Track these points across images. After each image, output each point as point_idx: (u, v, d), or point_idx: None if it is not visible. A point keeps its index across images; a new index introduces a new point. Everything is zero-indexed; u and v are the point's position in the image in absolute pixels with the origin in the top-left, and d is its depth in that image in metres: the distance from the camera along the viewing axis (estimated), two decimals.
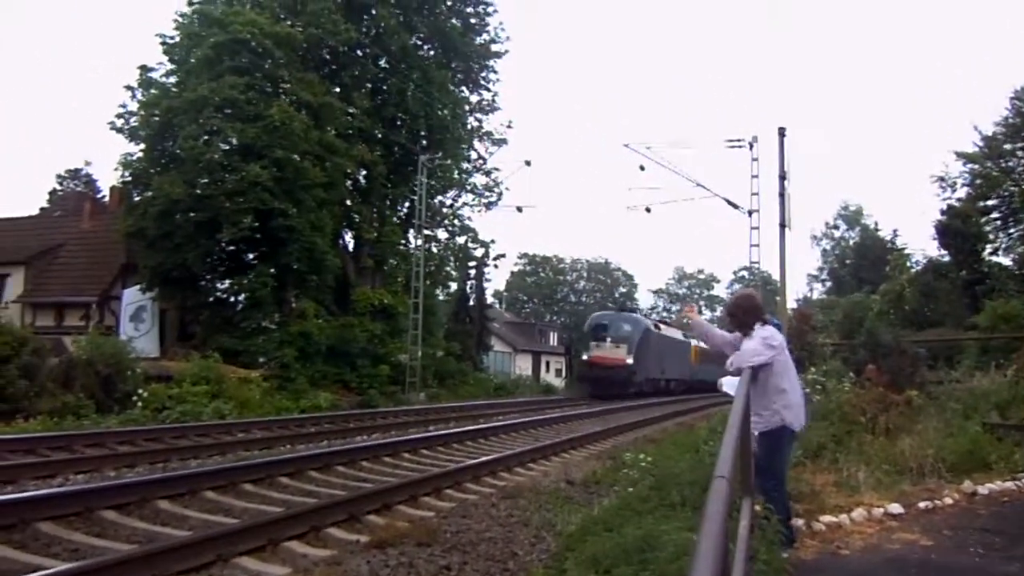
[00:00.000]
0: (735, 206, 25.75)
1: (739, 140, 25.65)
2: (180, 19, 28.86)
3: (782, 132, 21.82)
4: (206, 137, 25.17)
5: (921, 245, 78.20)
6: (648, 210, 29.28)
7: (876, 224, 60.95)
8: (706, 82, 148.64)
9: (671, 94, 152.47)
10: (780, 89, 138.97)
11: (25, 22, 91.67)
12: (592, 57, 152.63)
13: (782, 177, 21.52)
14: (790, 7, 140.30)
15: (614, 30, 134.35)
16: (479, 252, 42.36)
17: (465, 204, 40.22)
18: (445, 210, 38.89)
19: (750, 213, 25.29)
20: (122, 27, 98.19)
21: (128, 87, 27.91)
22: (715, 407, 22.27)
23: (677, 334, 42.55)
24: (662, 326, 43.40)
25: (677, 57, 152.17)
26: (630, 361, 35.19)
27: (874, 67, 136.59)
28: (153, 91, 27.55)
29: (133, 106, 27.21)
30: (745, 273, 30.51)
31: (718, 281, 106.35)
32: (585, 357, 36.91)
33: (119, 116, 27.05)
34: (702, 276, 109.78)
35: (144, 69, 28.08)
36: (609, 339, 36.36)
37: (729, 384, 6.40)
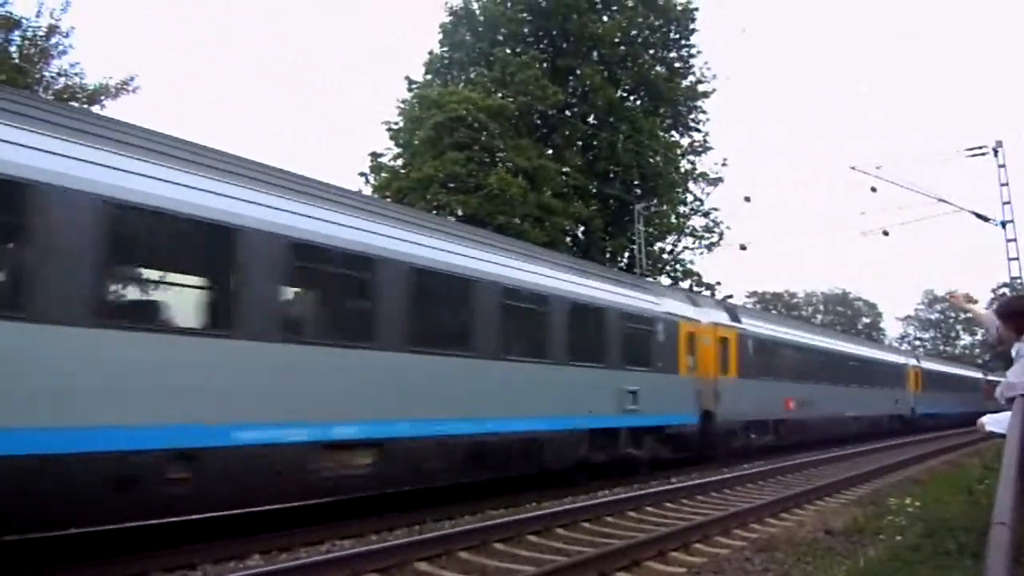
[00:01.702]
0: (984, 219, 23.62)
1: (981, 147, 23.63)
2: (402, 105, 31.18)
3: None
4: (435, 212, 26.81)
5: None
6: (886, 233, 27.49)
7: None
8: (936, 88, 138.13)
9: (897, 108, 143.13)
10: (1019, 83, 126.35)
11: (256, 120, 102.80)
12: (804, 81, 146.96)
13: None
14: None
15: (824, 48, 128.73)
16: (706, 295, 41.49)
17: (686, 248, 39.71)
18: (666, 256, 38.56)
19: (1003, 224, 23.08)
20: (349, 115, 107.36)
21: (362, 173, 30.43)
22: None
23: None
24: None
25: (897, 66, 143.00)
26: None
27: None
28: (384, 174, 29.81)
29: (367, 191, 29.54)
30: (1006, 290, 27.68)
31: (975, 301, 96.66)
32: None
33: None
34: (954, 304, 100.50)
35: (374, 155, 30.52)
36: None
37: (994, 422, 5.80)
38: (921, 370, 40.43)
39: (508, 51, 34.13)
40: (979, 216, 23.81)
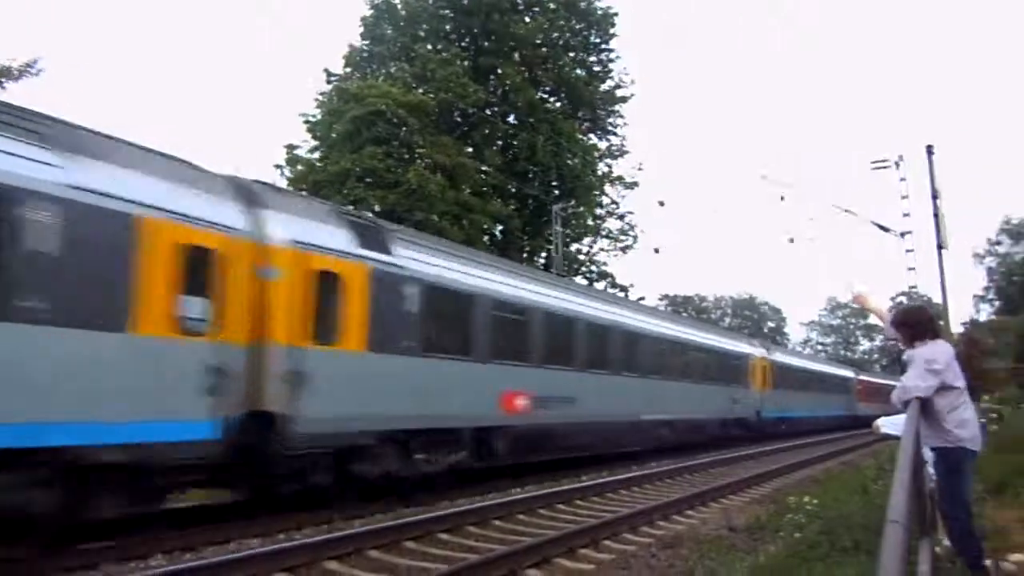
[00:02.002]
0: (886, 229, 24.63)
1: (884, 161, 24.66)
2: (320, 97, 30.68)
3: (930, 150, 20.82)
4: (351, 207, 26.48)
5: None
6: (792, 241, 28.47)
7: None
8: (845, 105, 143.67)
9: (808, 120, 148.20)
10: (927, 103, 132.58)
11: (178, 105, 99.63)
12: (721, 90, 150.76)
13: (934, 196, 20.48)
14: (931, 17, 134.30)
15: (742, 60, 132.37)
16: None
17: (601, 250, 40.29)
18: (581, 257, 39.05)
19: (902, 235, 24.13)
20: (266, 107, 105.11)
21: (277, 165, 29.82)
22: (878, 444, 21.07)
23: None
24: None
25: (812, 80, 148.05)
26: None
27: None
28: (300, 167, 29.29)
29: (282, 183, 28.97)
30: (903, 298, 28.94)
31: (872, 293, 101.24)
32: None
33: None
34: (856, 305, 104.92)
35: (290, 147, 29.96)
36: None
37: (889, 424, 6.08)
38: (771, 364, 33.01)
39: (429, 47, 34.00)
40: (880, 227, 24.82)
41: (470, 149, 33.08)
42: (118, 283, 8.18)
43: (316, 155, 30.17)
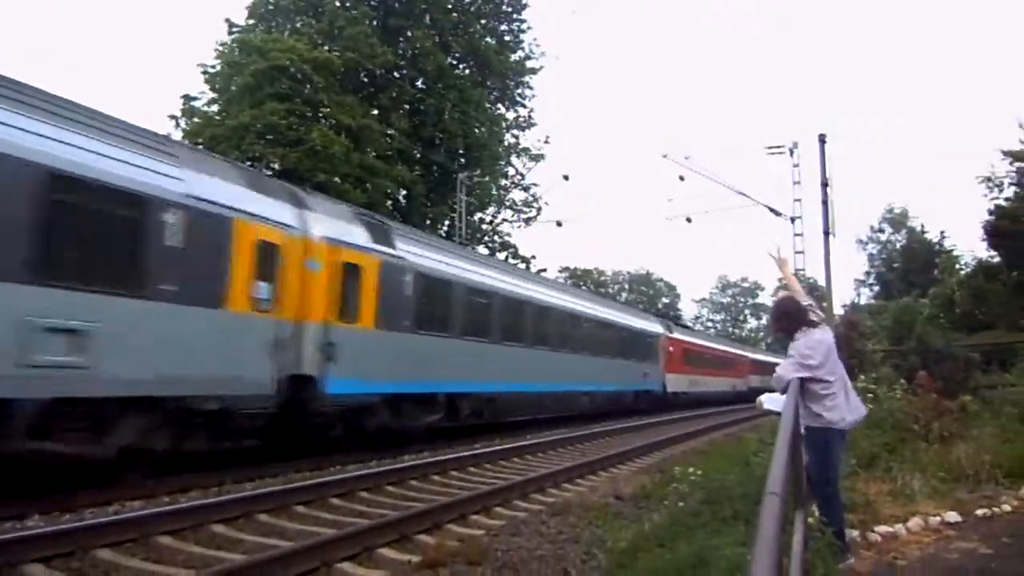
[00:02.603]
0: (777, 213, 25.49)
1: (779, 146, 25.49)
2: (220, 48, 29.53)
3: (822, 139, 21.63)
4: (249, 163, 25.68)
5: (970, 246, 76.42)
6: (689, 220, 29.13)
7: (923, 226, 59.90)
8: (745, 88, 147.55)
9: (709, 103, 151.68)
10: (822, 92, 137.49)
11: (73, 49, 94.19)
12: (628, 69, 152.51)
13: (824, 184, 21.31)
14: (830, 9, 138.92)
15: (650, 40, 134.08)
16: (520, 267, 42.53)
17: (505, 220, 40.49)
18: (485, 227, 39.12)
19: (793, 220, 25.05)
20: (165, 57, 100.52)
21: (172, 116, 28.62)
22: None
23: None
24: None
25: (714, 64, 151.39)
26: None
27: (915, 65, 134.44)
28: (196, 119, 28.20)
29: (177, 135, 27.86)
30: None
31: (762, 289, 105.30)
32: None
33: None
34: (746, 284, 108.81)
35: (187, 98, 28.80)
36: None
37: (771, 401, 6.34)
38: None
39: (338, 4, 33.12)
40: (772, 211, 25.66)
41: (376, 111, 32.52)
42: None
43: (214, 108, 29.10)
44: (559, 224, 35.46)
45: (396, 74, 33.96)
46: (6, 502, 8.13)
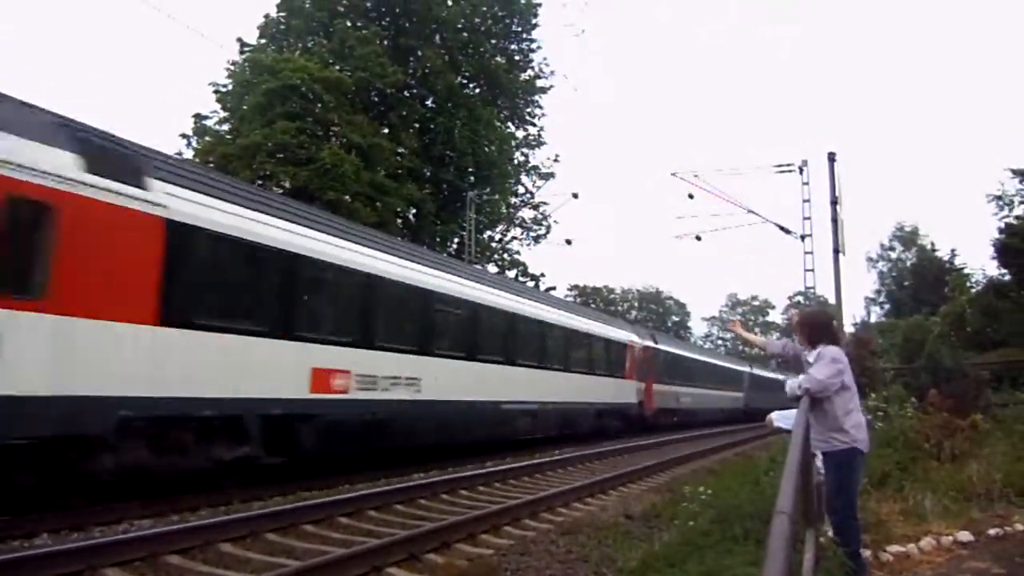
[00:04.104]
0: (787, 231, 25.39)
1: (788, 165, 25.37)
2: (232, 68, 29.77)
3: (832, 157, 21.55)
4: (260, 182, 25.83)
5: (980, 264, 76.09)
6: (698, 238, 28.98)
7: (933, 244, 59.61)
8: (755, 107, 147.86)
9: (719, 121, 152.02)
10: (831, 110, 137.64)
11: (89, 69, 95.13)
12: (638, 87, 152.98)
13: (834, 203, 21.20)
14: (838, 28, 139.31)
15: (659, 59, 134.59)
16: (530, 286, 42.55)
17: (514, 238, 40.53)
18: (494, 245, 39.17)
19: (803, 238, 24.92)
20: (176, 76, 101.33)
21: (183, 135, 28.84)
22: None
23: None
24: None
25: (724, 83, 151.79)
26: None
27: (925, 85, 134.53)
28: (208, 138, 28.42)
29: (188, 153, 28.07)
30: (800, 298, 29.97)
31: (773, 307, 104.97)
32: None
33: None
34: (756, 302, 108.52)
35: (199, 117, 29.01)
36: None
37: (781, 418, 6.28)
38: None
39: (348, 24, 33.39)
40: (782, 228, 25.55)
41: (386, 130, 32.70)
42: None
43: (225, 127, 29.31)
44: (568, 242, 35.55)
45: (406, 93, 34.17)
46: (15, 520, 8.15)
